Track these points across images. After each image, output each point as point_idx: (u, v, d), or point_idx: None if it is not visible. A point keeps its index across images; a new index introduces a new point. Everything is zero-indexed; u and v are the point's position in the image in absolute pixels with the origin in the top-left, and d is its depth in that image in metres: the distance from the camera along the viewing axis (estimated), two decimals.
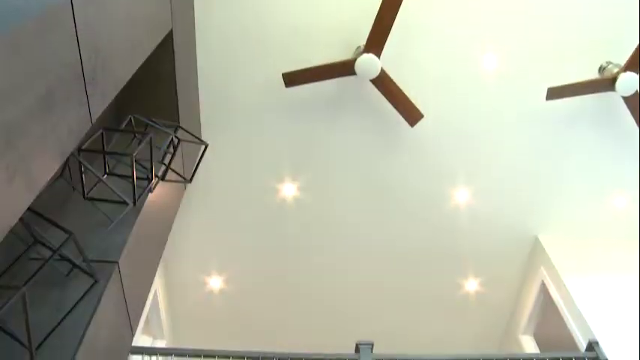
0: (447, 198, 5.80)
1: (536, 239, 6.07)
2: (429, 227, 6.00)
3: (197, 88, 5.22)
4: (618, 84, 4.81)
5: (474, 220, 5.94)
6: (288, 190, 5.71)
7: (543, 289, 5.93)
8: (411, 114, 5.03)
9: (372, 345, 4.45)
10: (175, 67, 4.33)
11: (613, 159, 5.61)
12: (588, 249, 5.86)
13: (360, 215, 5.92)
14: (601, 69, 5.09)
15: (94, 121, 2.60)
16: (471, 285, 6.43)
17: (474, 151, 5.56)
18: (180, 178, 4.20)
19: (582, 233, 5.99)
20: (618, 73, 4.81)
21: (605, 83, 4.90)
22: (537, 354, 5.71)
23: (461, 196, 5.79)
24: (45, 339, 2.76)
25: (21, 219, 2.82)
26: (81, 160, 3.10)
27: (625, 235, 5.89)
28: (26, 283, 2.30)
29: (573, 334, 5.24)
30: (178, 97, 4.47)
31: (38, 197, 2.03)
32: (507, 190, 5.78)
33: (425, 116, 5.03)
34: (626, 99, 4.98)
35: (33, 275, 2.44)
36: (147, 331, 5.77)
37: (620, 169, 5.66)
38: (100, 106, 2.68)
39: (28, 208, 2.77)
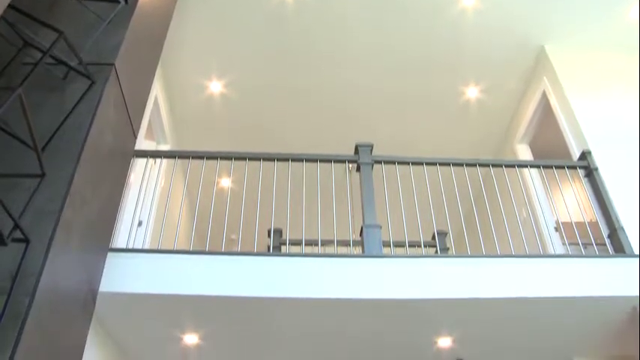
0: (452, 1, 5.52)
1: (542, 49, 5.90)
2: (432, 32, 5.78)
3: None
4: None
5: (479, 26, 5.70)
6: None
7: (544, 100, 5.92)
8: None
9: (372, 147, 4.54)
10: None
11: None
12: (594, 62, 5.72)
13: (361, 19, 5.68)
14: None
15: None
16: (472, 92, 6.41)
17: None
18: None
19: (590, 45, 5.79)
20: None
21: None
22: (532, 161, 5.88)
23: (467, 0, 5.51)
24: (49, 140, 2.81)
25: (7, 21, 2.70)
26: None
27: (634, 50, 5.72)
28: (22, 83, 2.25)
29: (568, 145, 5.35)
30: None
31: None
32: None
33: None
34: None
35: (27, 76, 2.39)
36: (150, 136, 5.87)
37: None
38: None
39: (14, 8, 2.64)
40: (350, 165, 4.74)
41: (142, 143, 5.17)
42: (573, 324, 4.33)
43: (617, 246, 4.26)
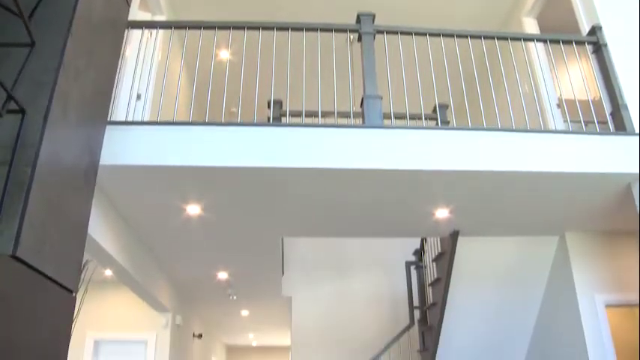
0: None
1: None
2: None
3: None
4: None
5: None
6: None
7: None
8: None
9: (374, 16, 4.38)
10: None
11: None
12: None
13: None
14: None
15: None
16: None
17: None
18: None
19: None
20: None
21: None
22: (538, 35, 5.67)
23: None
24: (36, 7, 2.69)
25: None
26: None
27: None
28: None
29: (578, 19, 5.11)
30: None
31: None
32: None
33: None
34: None
35: None
36: (145, 7, 5.62)
37: None
38: None
39: None
40: (351, 35, 4.59)
41: (137, 14, 4.99)
42: (568, 199, 4.43)
43: (619, 124, 4.23)
